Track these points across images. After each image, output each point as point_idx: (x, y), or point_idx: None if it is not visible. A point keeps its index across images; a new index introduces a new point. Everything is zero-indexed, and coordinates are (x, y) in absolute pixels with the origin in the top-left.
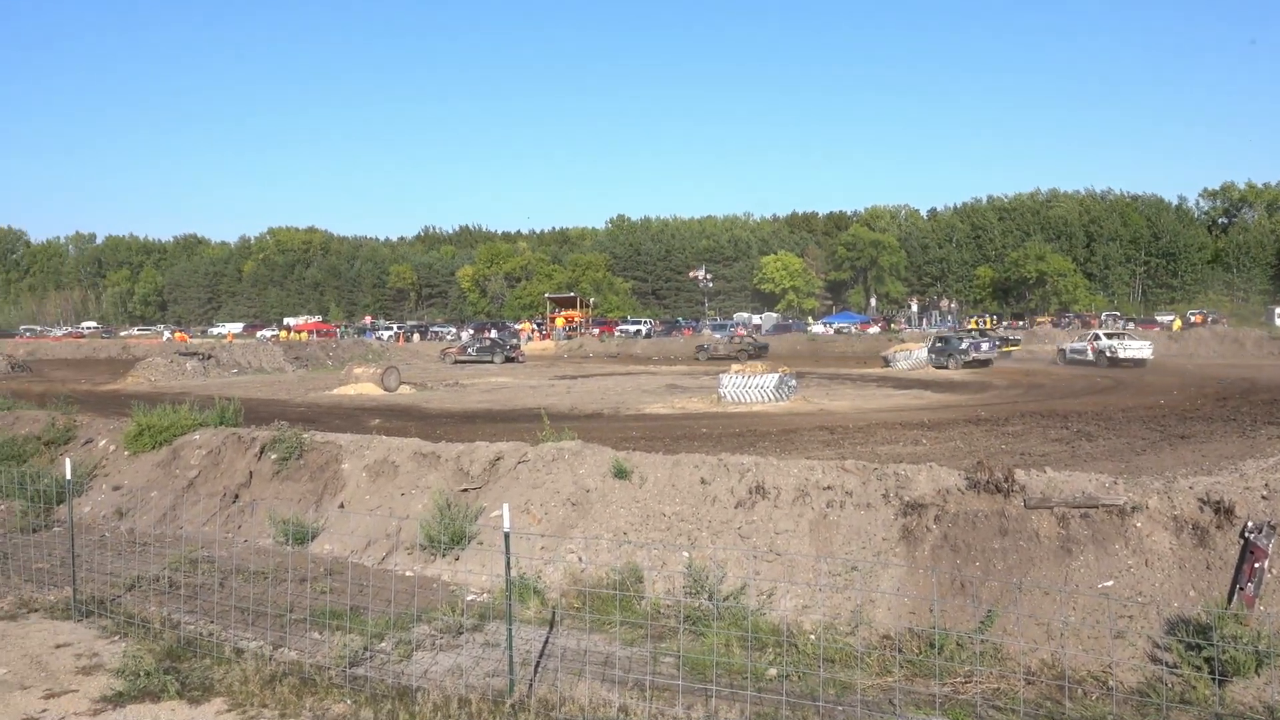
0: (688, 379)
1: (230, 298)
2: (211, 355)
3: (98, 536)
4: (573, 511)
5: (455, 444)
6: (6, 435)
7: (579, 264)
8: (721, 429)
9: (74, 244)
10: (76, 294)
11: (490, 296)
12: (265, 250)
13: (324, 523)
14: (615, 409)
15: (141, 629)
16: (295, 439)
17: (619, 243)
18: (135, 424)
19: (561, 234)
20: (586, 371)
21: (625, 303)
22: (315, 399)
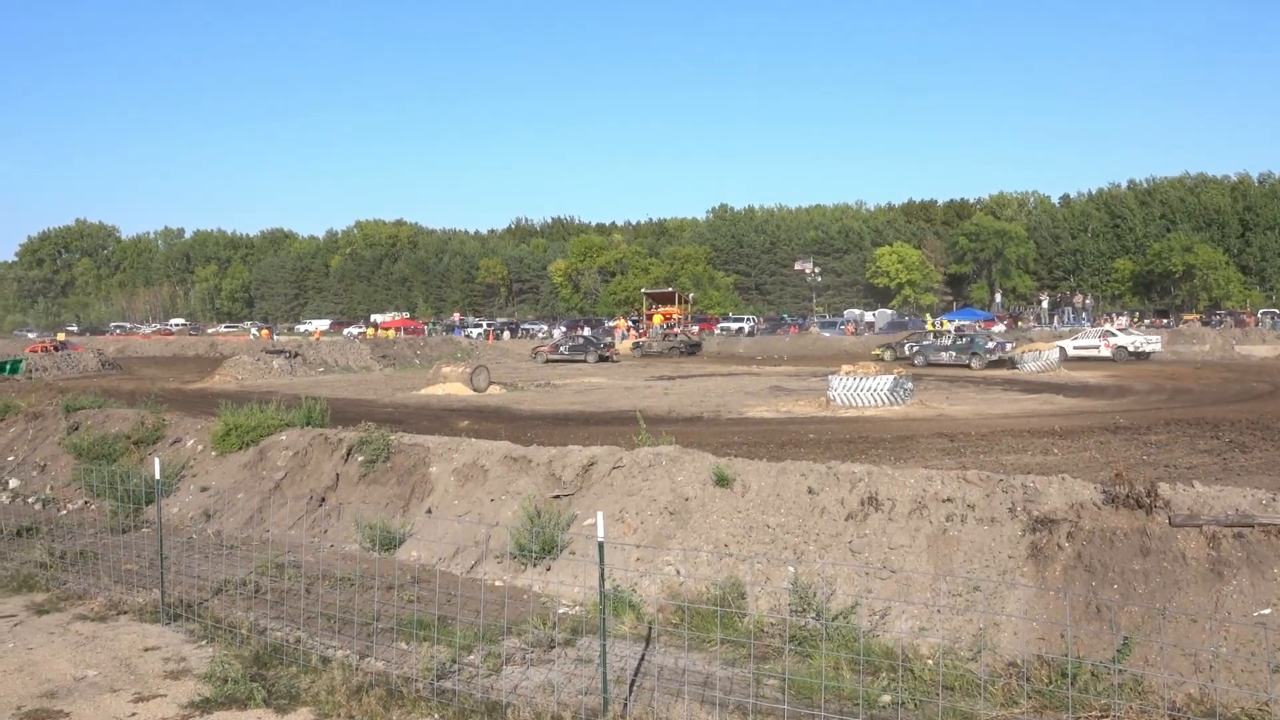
0: (794, 380)
1: (317, 293)
2: (298, 353)
3: (185, 538)
4: (670, 521)
5: (547, 448)
6: (98, 434)
7: (677, 257)
8: (830, 434)
9: (163, 239)
10: (165, 290)
11: (583, 292)
12: (352, 244)
13: (411, 528)
14: (716, 412)
15: (228, 634)
16: (382, 441)
17: (720, 234)
18: (222, 424)
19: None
20: (685, 372)
21: (727, 298)
22: (402, 399)
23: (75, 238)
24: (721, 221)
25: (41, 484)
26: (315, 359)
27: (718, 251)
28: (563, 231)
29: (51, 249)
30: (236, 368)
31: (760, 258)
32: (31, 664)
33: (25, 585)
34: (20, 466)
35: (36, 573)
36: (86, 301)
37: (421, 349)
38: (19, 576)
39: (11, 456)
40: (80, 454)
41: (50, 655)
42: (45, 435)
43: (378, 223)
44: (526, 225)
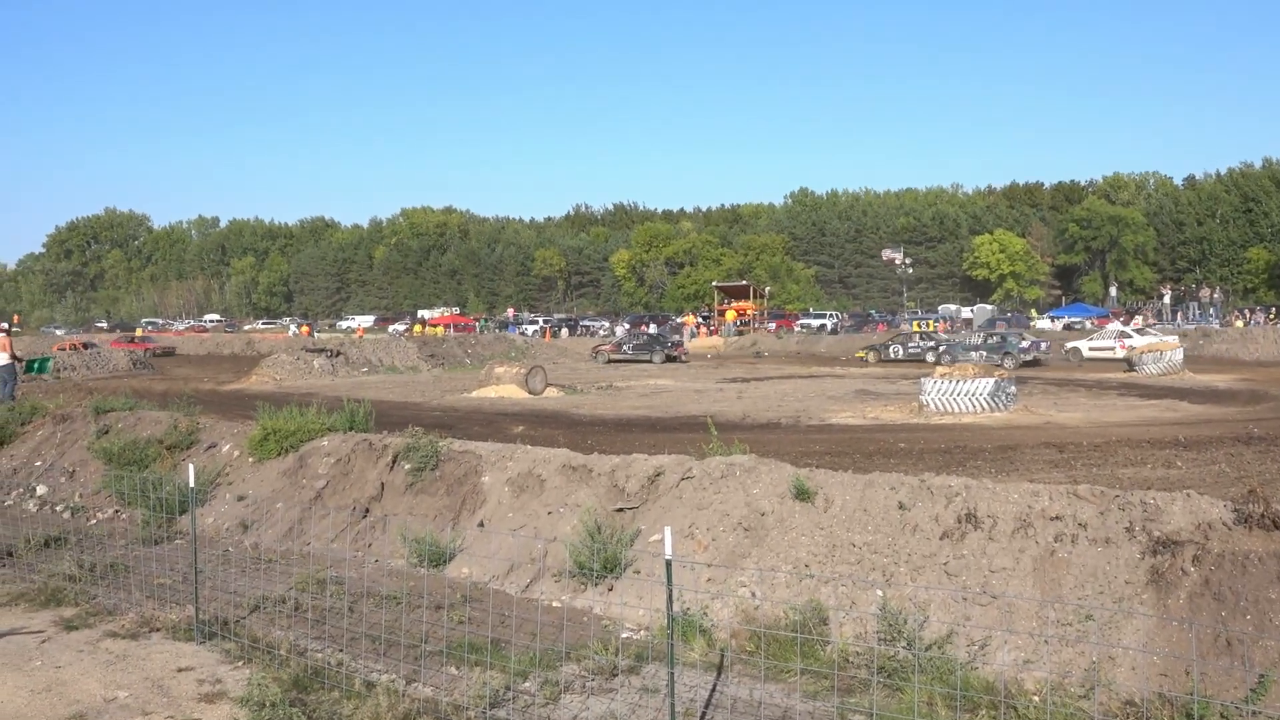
0: (882, 383)
1: (360, 287)
2: (340, 352)
3: (221, 551)
4: (745, 538)
5: (609, 456)
6: (128, 438)
7: (752, 247)
8: (923, 444)
9: (196, 229)
10: (199, 283)
11: (648, 285)
12: (398, 234)
13: (462, 543)
14: (795, 418)
15: (267, 655)
16: (431, 448)
17: (800, 221)
18: (260, 428)
19: (732, 212)
20: (761, 373)
21: (807, 292)
22: (452, 402)
23: (105, 227)
24: (801, 207)
25: (70, 491)
26: (358, 358)
27: (797, 240)
28: (626, 219)
29: (80, 240)
30: (275, 367)
31: (844, 247)
32: (60, 684)
33: (53, 599)
34: (48, 472)
35: (65, 586)
36: (116, 296)
37: (472, 348)
38: (47, 590)
39: (39, 461)
40: (110, 459)
41: (79, 674)
42: (74, 439)
43: (425, 210)
44: (586, 213)
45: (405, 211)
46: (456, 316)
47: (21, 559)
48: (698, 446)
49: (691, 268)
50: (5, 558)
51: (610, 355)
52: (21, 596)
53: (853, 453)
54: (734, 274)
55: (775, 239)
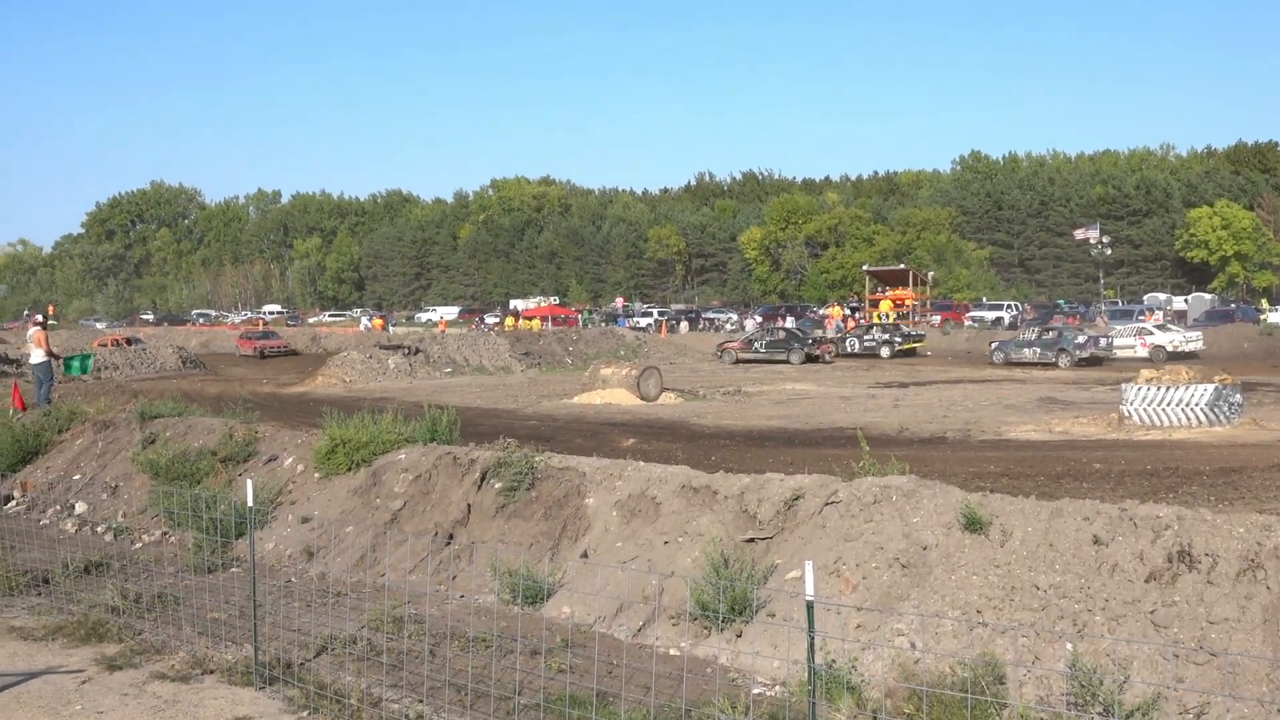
0: (1072, 389)
1: (442, 273)
2: (419, 349)
3: (283, 582)
4: (902, 576)
5: (737, 476)
6: (178, 449)
7: (912, 223)
8: (1124, 464)
9: (255, 204)
10: (257, 268)
11: (785, 270)
12: (487, 209)
13: (562, 577)
14: (964, 431)
15: (335, 704)
16: (526, 463)
17: (971, 192)
18: (327, 438)
19: (888, 180)
20: (922, 377)
21: (980, 278)
22: (550, 409)
23: (151, 204)
24: (973, 175)
25: (112, 509)
26: (441, 357)
27: (967, 215)
28: (758, 190)
29: (123, 218)
30: (344, 367)
31: (1026, 223)
32: None
33: (95, 634)
34: (88, 487)
35: (108, 619)
36: (164, 283)
37: (574, 345)
38: (87, 623)
39: (78, 474)
40: (157, 473)
41: None
42: (117, 449)
43: (519, 181)
44: (711, 183)
45: (495, 183)
46: (555, 307)
47: (59, 587)
48: (845, 465)
49: (837, 248)
50: (41, 585)
51: (738, 354)
52: (59, 630)
53: (1035, 475)
54: (889, 256)
55: (940, 213)
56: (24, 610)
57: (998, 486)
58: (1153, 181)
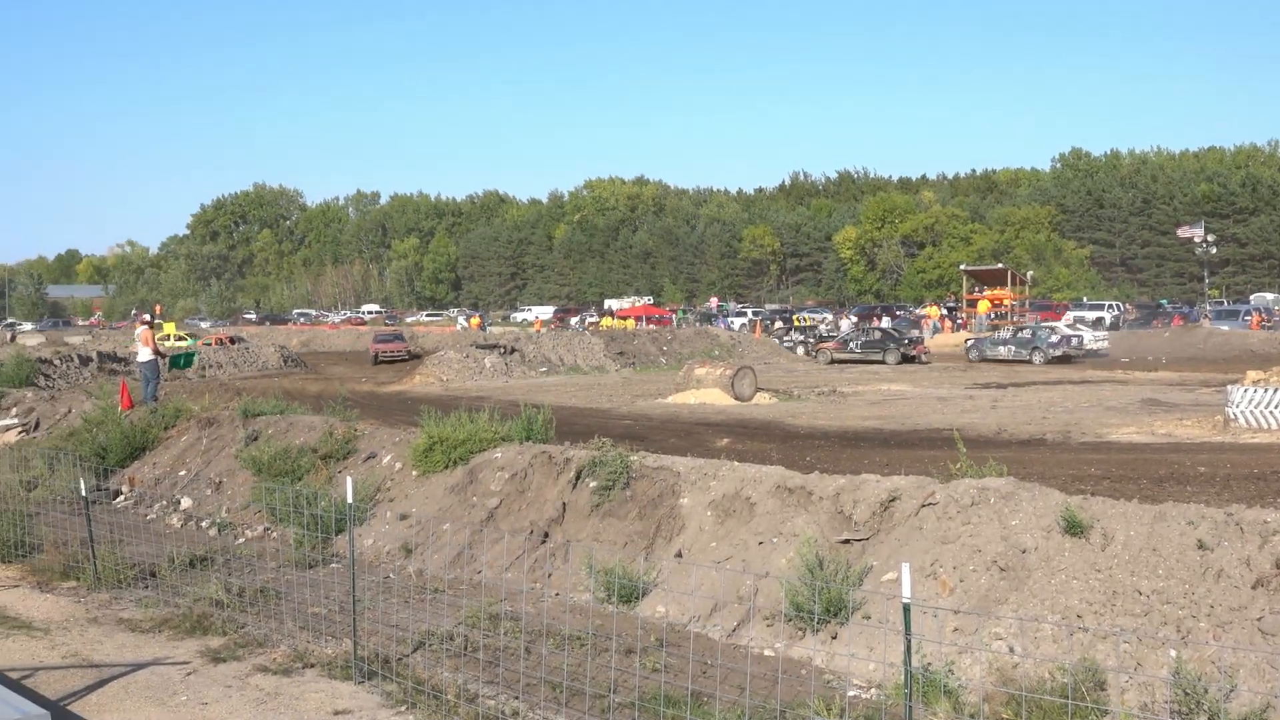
0: (1175, 391)
1: (537, 273)
2: (515, 349)
3: (381, 578)
4: (1000, 580)
5: (833, 476)
6: (279, 446)
7: (1011, 222)
8: (1230, 468)
9: (354, 205)
10: (356, 268)
11: (881, 269)
12: (582, 209)
13: (656, 576)
14: (1064, 433)
15: (433, 700)
16: (620, 463)
17: (1071, 189)
18: (425, 437)
19: (985, 179)
20: (1021, 378)
21: (1080, 277)
22: (644, 408)
23: (253, 205)
24: (1073, 173)
25: (216, 504)
26: (536, 356)
27: (1067, 214)
28: (853, 190)
29: (227, 219)
30: (441, 366)
31: (1128, 222)
32: None
33: (199, 627)
34: (193, 483)
35: (212, 612)
36: (266, 283)
37: (668, 344)
38: (192, 616)
39: (183, 470)
40: (259, 470)
41: (226, 713)
42: (220, 445)
43: (613, 181)
44: (806, 182)
45: (590, 184)
46: (649, 307)
47: (165, 580)
48: (942, 467)
49: (934, 248)
50: (148, 579)
51: (833, 354)
52: (165, 623)
53: (1138, 478)
54: (987, 255)
55: (1040, 212)
56: (132, 603)
57: (1098, 490)
58: (1259, 178)
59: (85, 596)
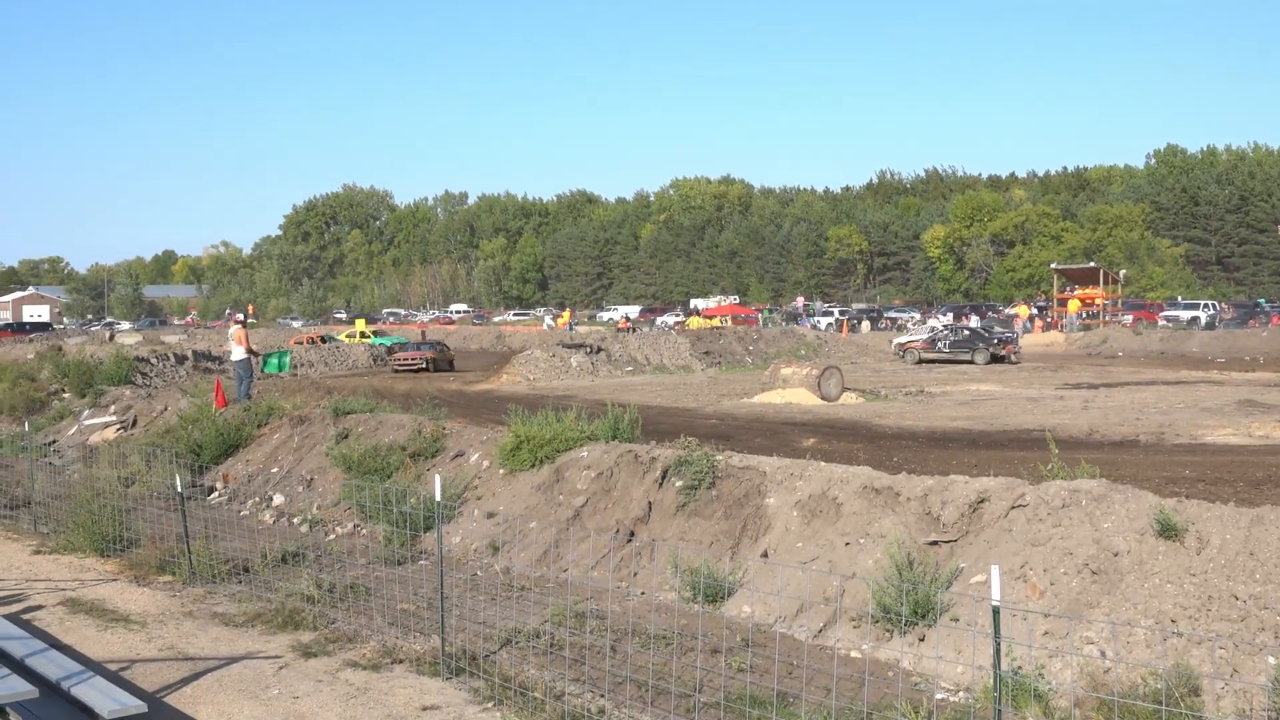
0: (1274, 392)
1: (624, 272)
2: (601, 348)
3: (469, 575)
4: (1092, 583)
5: (920, 477)
6: (369, 444)
7: (1103, 219)
8: None
9: (442, 205)
10: (444, 268)
11: (970, 268)
12: (668, 208)
13: (742, 576)
14: (1157, 435)
15: (519, 697)
16: (706, 462)
17: (1166, 187)
18: (512, 435)
19: (1077, 176)
20: (1113, 378)
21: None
22: (729, 407)
23: (344, 206)
24: (1168, 169)
25: (307, 501)
26: (622, 355)
27: (1162, 211)
28: (942, 188)
29: (318, 220)
30: (527, 365)
31: (1225, 219)
32: (298, 716)
33: (291, 622)
34: (285, 480)
35: (303, 607)
36: (356, 283)
37: (754, 344)
38: (284, 611)
39: (275, 468)
40: (350, 467)
41: (317, 707)
42: (312, 443)
43: (700, 181)
44: (893, 181)
45: (676, 183)
46: (735, 306)
47: (259, 576)
48: (1032, 468)
49: (1024, 246)
50: (241, 574)
51: (921, 354)
52: (258, 617)
53: (1234, 480)
54: (1079, 254)
55: (1133, 210)
56: (226, 597)
57: (1193, 492)
58: None
59: (181, 591)
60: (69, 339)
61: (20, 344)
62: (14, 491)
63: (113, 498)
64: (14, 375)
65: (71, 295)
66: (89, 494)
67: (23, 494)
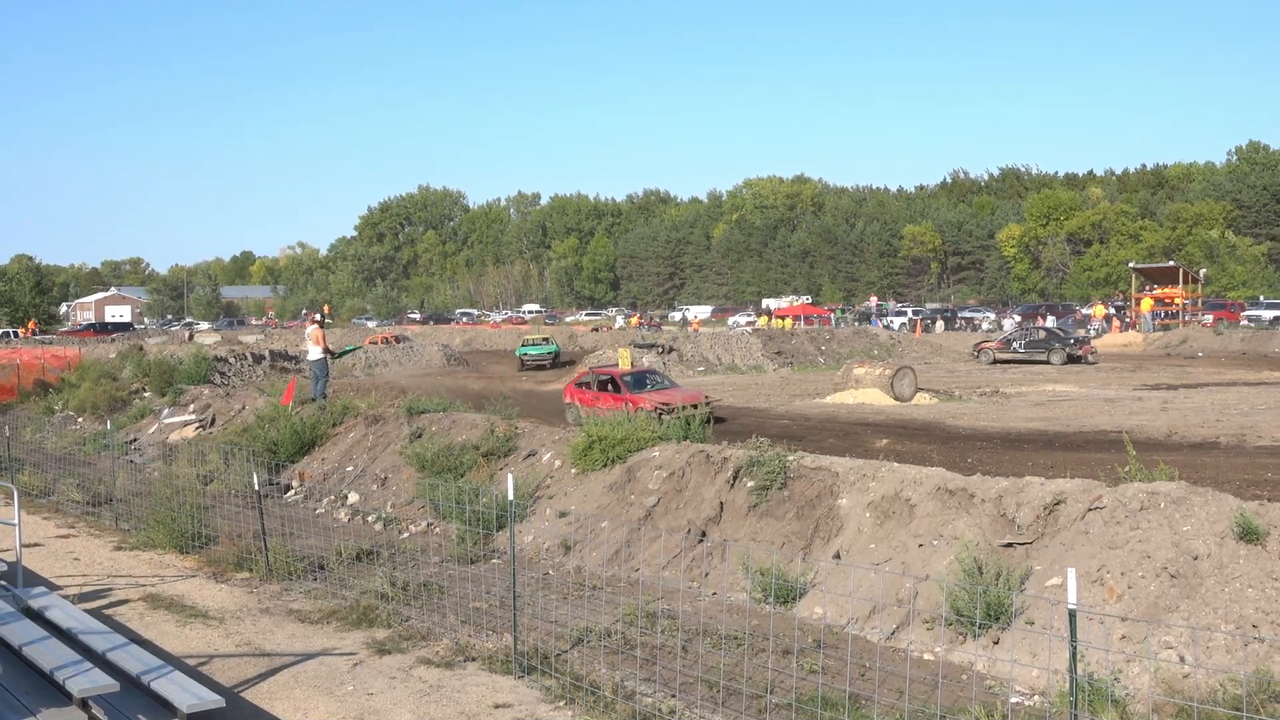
0: None
1: (695, 272)
2: (673, 348)
3: (541, 574)
4: (1170, 587)
5: (994, 479)
6: (442, 443)
7: (1182, 218)
8: None
9: (515, 206)
10: (517, 268)
11: (1046, 267)
12: (740, 208)
13: (814, 577)
14: (1239, 437)
15: (590, 695)
16: (778, 462)
17: (1247, 185)
18: (584, 435)
19: (1155, 174)
20: (1193, 379)
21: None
22: (801, 408)
23: (418, 207)
24: (1250, 166)
25: (381, 499)
26: (694, 355)
27: (1243, 210)
28: (1017, 186)
29: (393, 221)
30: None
31: None
32: (372, 712)
33: (365, 619)
34: (359, 478)
35: (377, 605)
36: (430, 284)
37: (827, 344)
38: (358, 608)
39: (350, 466)
40: (423, 466)
41: (391, 704)
42: (385, 442)
43: (772, 180)
44: (967, 179)
45: (749, 183)
46: (808, 306)
47: (334, 573)
48: (1109, 470)
49: (1101, 245)
50: (317, 571)
51: (996, 354)
52: (333, 614)
53: None
54: (1158, 253)
55: (1214, 208)
56: (301, 594)
57: (1275, 495)
58: None
59: (258, 587)
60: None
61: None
62: (96, 489)
63: (191, 495)
64: (96, 374)
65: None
66: (168, 491)
67: (105, 491)
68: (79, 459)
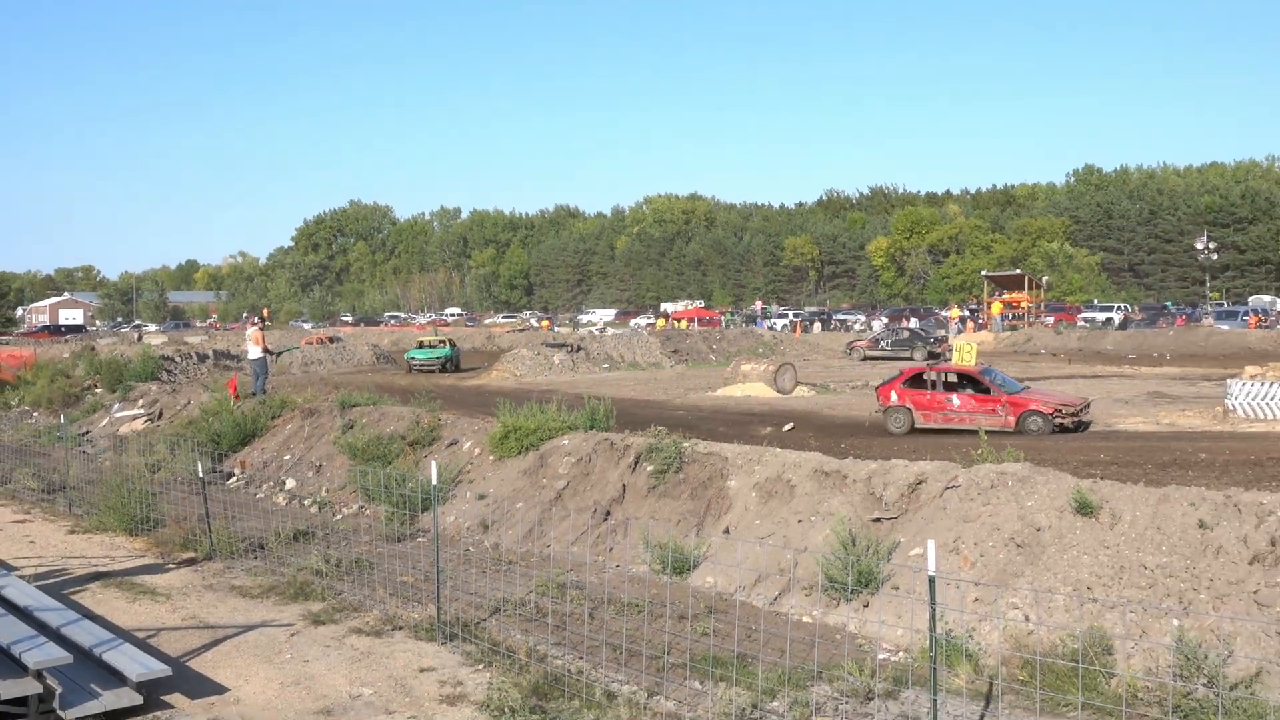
0: (1178, 385)
1: (601, 279)
2: (580, 347)
3: (462, 550)
4: (1017, 555)
5: (865, 461)
6: (373, 434)
7: (1028, 232)
8: (1228, 454)
9: (439, 220)
10: (440, 276)
11: (909, 275)
12: (641, 222)
13: (706, 550)
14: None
15: (506, 659)
16: (674, 449)
17: (1084, 203)
18: (501, 426)
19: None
20: (1037, 373)
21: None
22: (695, 400)
23: (350, 220)
24: (1085, 187)
25: (317, 485)
26: (599, 354)
27: (1080, 224)
28: (884, 203)
29: (327, 233)
30: (514, 362)
31: (1135, 231)
32: (308, 677)
33: (302, 593)
34: (296, 466)
35: (313, 580)
36: (361, 290)
37: (718, 343)
38: (295, 584)
39: (288, 455)
40: (355, 455)
41: (326, 669)
42: (320, 433)
43: (669, 198)
44: (840, 197)
45: (649, 199)
46: (701, 310)
47: (273, 552)
48: (964, 453)
49: (958, 255)
50: (257, 550)
51: (866, 352)
52: (272, 589)
53: (1143, 463)
54: (1006, 262)
55: (1055, 222)
56: (243, 572)
57: (1108, 474)
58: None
59: (202, 566)
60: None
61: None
62: (51, 477)
63: (140, 483)
64: (51, 373)
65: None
66: (119, 479)
67: (59, 479)
68: (34, 450)
